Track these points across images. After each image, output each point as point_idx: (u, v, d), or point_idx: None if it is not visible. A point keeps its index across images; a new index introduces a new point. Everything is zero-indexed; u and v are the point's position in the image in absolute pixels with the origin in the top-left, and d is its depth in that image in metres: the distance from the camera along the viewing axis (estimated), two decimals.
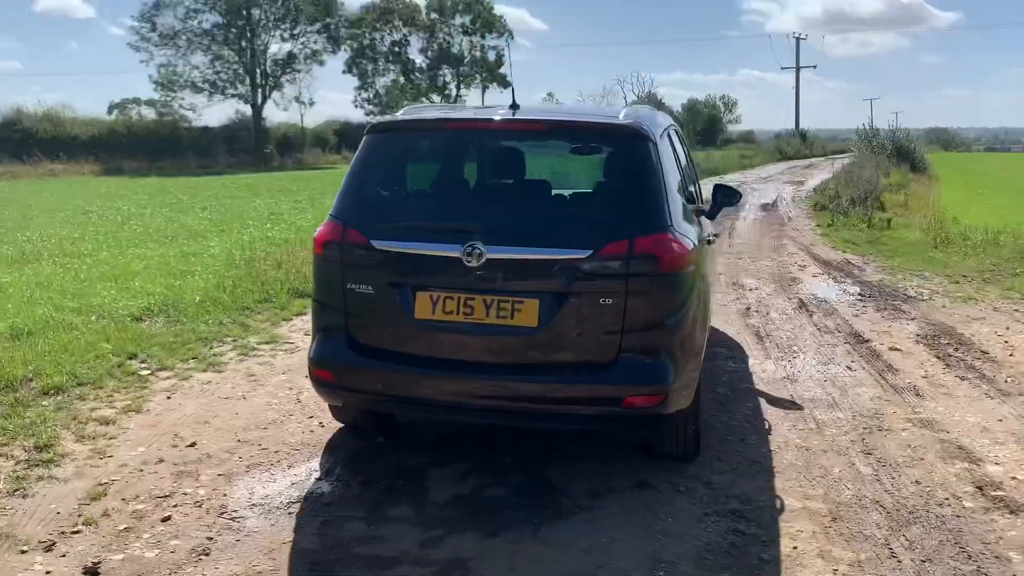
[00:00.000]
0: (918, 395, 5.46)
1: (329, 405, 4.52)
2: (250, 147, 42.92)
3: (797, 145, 52.92)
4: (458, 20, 59.77)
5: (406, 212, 4.07)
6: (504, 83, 63.91)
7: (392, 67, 59.38)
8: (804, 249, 12.28)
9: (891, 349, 6.58)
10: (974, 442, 4.67)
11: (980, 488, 4.09)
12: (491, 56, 61.56)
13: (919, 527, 3.68)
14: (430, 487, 3.99)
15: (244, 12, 45.55)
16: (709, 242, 4.67)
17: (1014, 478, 4.21)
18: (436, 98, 62.21)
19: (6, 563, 3.30)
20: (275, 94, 47.74)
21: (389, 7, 56.92)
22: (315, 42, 49.33)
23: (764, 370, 6.06)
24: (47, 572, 3.23)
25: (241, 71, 46.57)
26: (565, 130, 4.05)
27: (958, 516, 3.79)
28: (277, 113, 78.46)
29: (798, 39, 68.13)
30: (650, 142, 3.91)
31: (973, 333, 7.01)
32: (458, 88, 62.24)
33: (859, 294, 8.82)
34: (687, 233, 3.97)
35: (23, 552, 3.38)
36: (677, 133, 5.49)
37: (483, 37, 60.81)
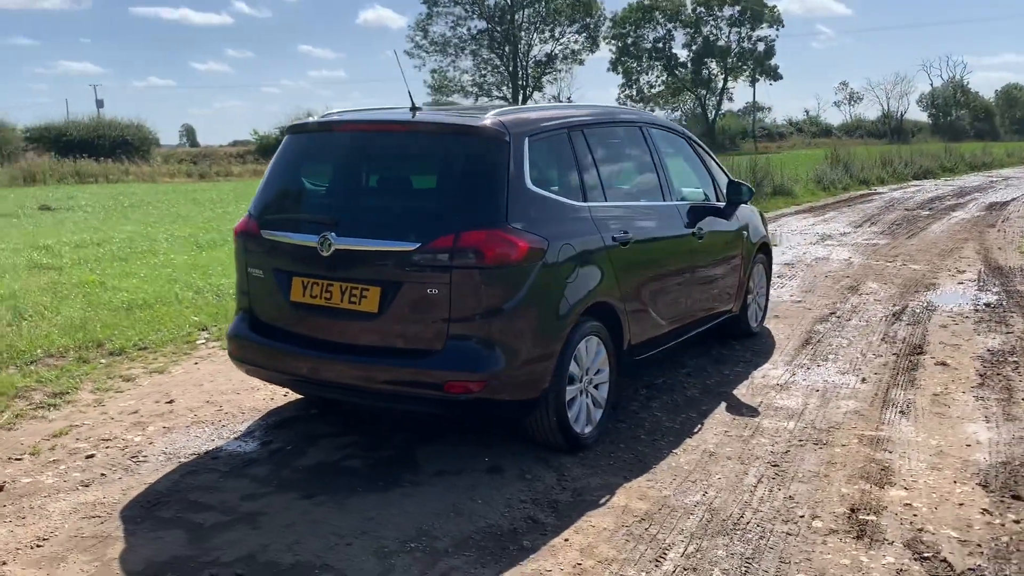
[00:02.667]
0: (902, 412, 4.98)
1: None
2: None
3: None
4: (726, 12, 58.36)
5: (290, 206, 4.54)
6: (775, 75, 61.42)
7: (656, 64, 59.43)
8: (982, 253, 10.98)
9: (936, 364, 5.95)
10: (908, 465, 4.25)
11: (853, 511, 3.77)
12: (760, 48, 59.43)
13: (725, 539, 3.51)
14: (307, 453, 4.42)
15: (508, 17, 48.03)
16: (620, 242, 4.66)
17: (907, 505, 3.82)
18: (703, 92, 61.26)
19: None
20: (536, 95, 49.84)
21: (653, 4, 56.96)
22: (575, 42, 50.93)
23: (764, 376, 5.77)
24: None
25: (505, 73, 49.18)
26: (424, 131, 4.28)
27: (789, 534, 3.56)
28: None
29: None
30: (501, 142, 4.05)
31: None
32: (725, 81, 60.82)
33: (987, 304, 7.89)
34: (540, 231, 4.05)
35: None
36: (644, 130, 5.43)
37: (752, 28, 58.85)
